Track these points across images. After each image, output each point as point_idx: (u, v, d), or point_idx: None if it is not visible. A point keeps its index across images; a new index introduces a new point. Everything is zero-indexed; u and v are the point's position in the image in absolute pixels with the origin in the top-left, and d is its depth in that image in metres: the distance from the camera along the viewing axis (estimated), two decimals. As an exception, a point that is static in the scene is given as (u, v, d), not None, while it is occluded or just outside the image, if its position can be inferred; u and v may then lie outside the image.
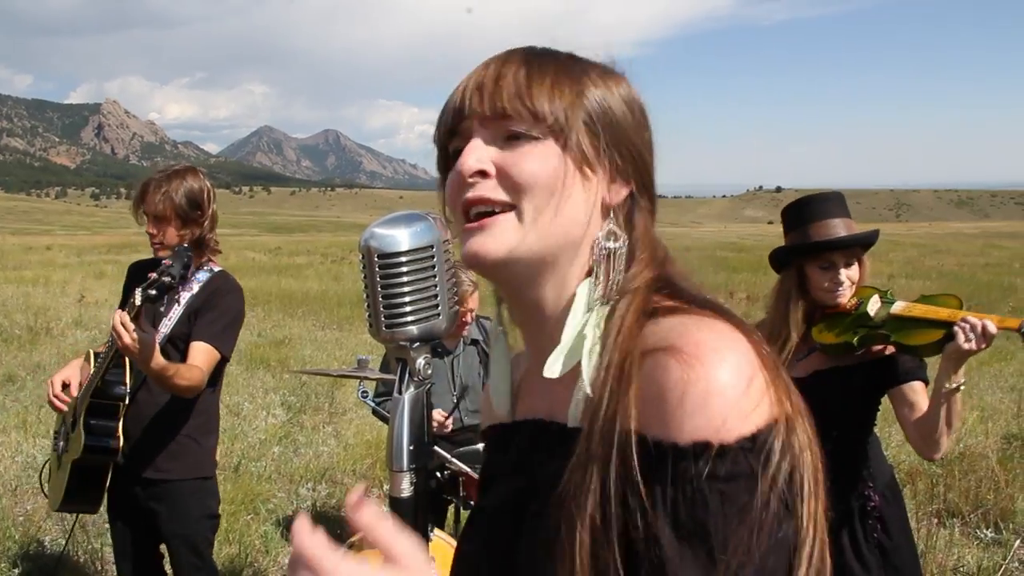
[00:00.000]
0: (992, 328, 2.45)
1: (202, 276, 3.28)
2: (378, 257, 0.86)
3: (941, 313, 2.59)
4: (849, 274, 2.77)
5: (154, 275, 2.80)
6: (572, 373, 0.93)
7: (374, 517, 0.74)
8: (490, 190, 0.92)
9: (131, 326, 2.79)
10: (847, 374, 2.78)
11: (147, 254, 3.48)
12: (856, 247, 2.78)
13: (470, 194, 0.92)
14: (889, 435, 6.99)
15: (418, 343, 0.88)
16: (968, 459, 6.39)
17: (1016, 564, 4.92)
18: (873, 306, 2.73)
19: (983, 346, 2.47)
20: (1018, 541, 5.12)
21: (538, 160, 0.92)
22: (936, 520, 5.39)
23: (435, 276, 0.88)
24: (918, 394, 2.70)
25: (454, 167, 0.95)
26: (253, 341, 12.06)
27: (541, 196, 0.92)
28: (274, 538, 5.20)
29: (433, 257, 0.88)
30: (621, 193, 0.98)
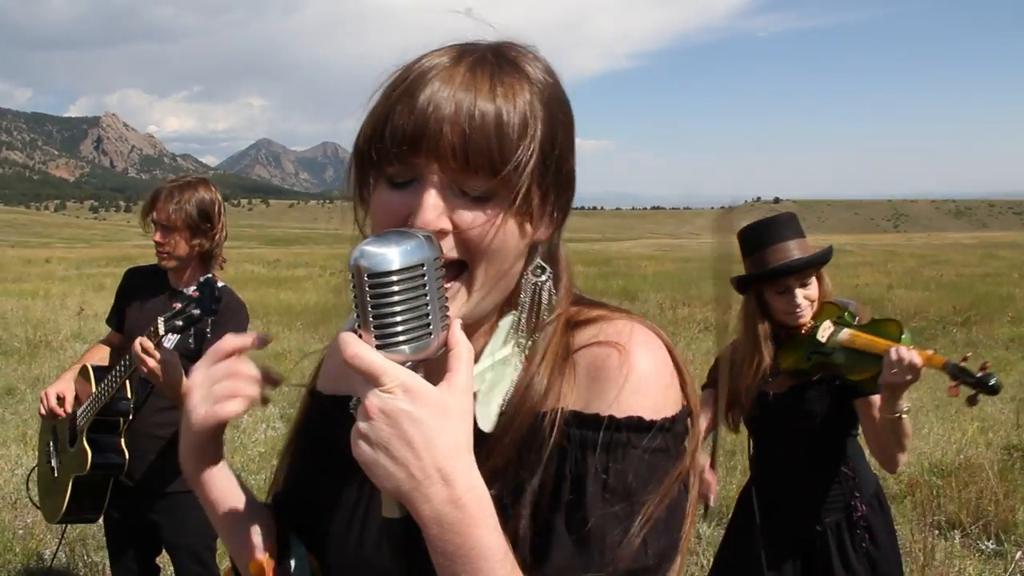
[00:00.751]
0: (917, 360, 2.49)
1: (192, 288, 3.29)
2: (368, 276, 0.84)
3: (879, 345, 2.64)
4: (806, 294, 2.84)
5: (179, 306, 2.84)
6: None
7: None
8: (448, 249, 0.93)
9: (155, 353, 2.82)
10: (819, 387, 2.85)
11: (136, 264, 3.52)
12: (809, 268, 2.82)
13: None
14: (889, 446, 7.01)
15: (409, 364, 0.85)
16: (968, 470, 6.38)
17: None
18: (824, 332, 2.80)
19: (908, 379, 2.51)
20: (1019, 553, 5.12)
21: (494, 226, 0.93)
22: (936, 531, 5.38)
23: (426, 295, 0.86)
24: (876, 408, 2.73)
25: (398, 193, 0.94)
26: (251, 353, 12.02)
27: (493, 260, 0.95)
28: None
29: (424, 276, 0.85)
30: (547, 230, 1.02)
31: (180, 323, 2.84)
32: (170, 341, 3.20)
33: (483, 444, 0.94)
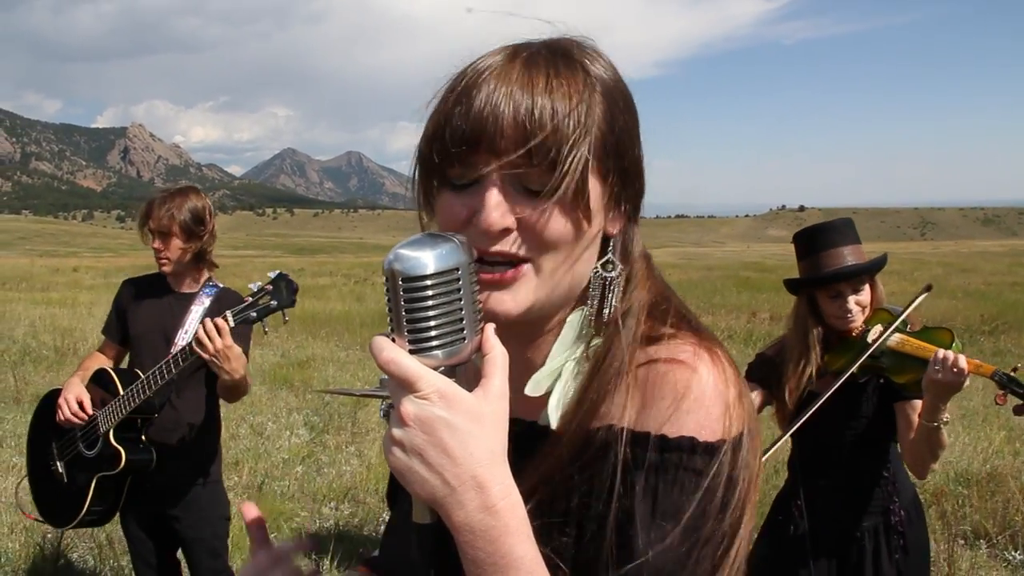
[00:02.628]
0: (962, 364, 2.50)
1: (210, 291, 3.41)
2: (403, 280, 0.83)
3: (928, 351, 2.64)
4: (858, 299, 2.85)
5: (249, 299, 2.97)
6: (531, 369, 1.02)
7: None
8: (513, 246, 0.92)
9: (227, 333, 2.95)
10: (865, 391, 2.84)
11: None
12: (863, 275, 2.83)
13: (493, 248, 0.92)
14: (914, 455, 6.95)
15: (443, 369, 0.84)
16: (995, 480, 6.32)
17: (1045, 586, 4.86)
18: (874, 335, 2.79)
19: (951, 379, 2.51)
20: (1048, 563, 5.06)
21: (559, 219, 0.92)
22: (962, 541, 5.33)
23: (461, 300, 0.84)
24: (917, 412, 2.74)
25: (462, 195, 0.94)
26: (276, 362, 12.13)
27: (560, 253, 0.94)
28: (297, 556, 5.22)
29: (459, 280, 0.84)
30: (618, 223, 1.01)
31: (254, 314, 2.97)
32: (183, 338, 3.33)
33: (538, 448, 0.95)
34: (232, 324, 2.94)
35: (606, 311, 0.99)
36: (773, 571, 3.02)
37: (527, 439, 0.98)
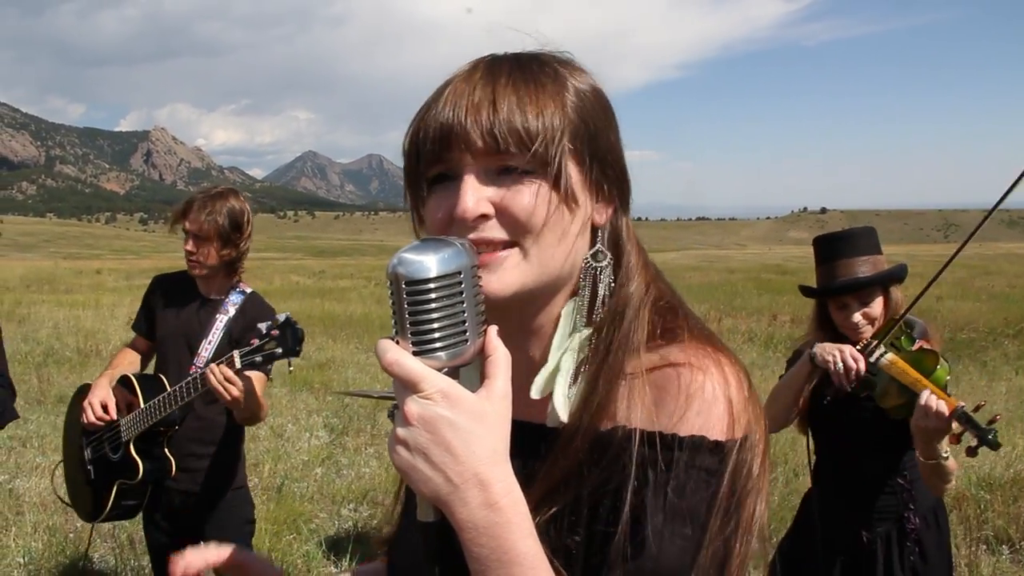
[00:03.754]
0: (944, 411, 2.53)
1: (236, 298, 3.39)
2: (406, 284, 0.84)
3: (909, 376, 2.66)
4: (866, 312, 2.85)
5: (257, 342, 2.96)
6: (532, 369, 1.02)
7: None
8: (493, 230, 0.95)
9: (238, 382, 2.95)
10: (871, 399, 2.84)
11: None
12: (870, 287, 2.82)
13: (473, 236, 0.94)
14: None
15: (446, 370, 0.85)
16: (1018, 484, 6.26)
17: (1067, 592, 4.81)
18: (875, 353, 2.79)
19: (935, 425, 2.54)
20: (1069, 568, 5.01)
21: (535, 197, 0.95)
22: (984, 546, 5.29)
23: (463, 303, 0.86)
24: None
25: (440, 196, 0.98)
26: (296, 363, 12.12)
27: (542, 233, 0.96)
28: (316, 557, 5.25)
29: (461, 283, 0.86)
30: (605, 213, 1.04)
31: (259, 359, 2.96)
32: (207, 350, 3.33)
33: (551, 453, 0.97)
34: (239, 365, 2.94)
35: (599, 301, 1.01)
36: (793, 570, 3.01)
37: (536, 441, 0.99)
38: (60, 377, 10.84)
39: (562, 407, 0.98)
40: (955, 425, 2.60)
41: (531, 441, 1.00)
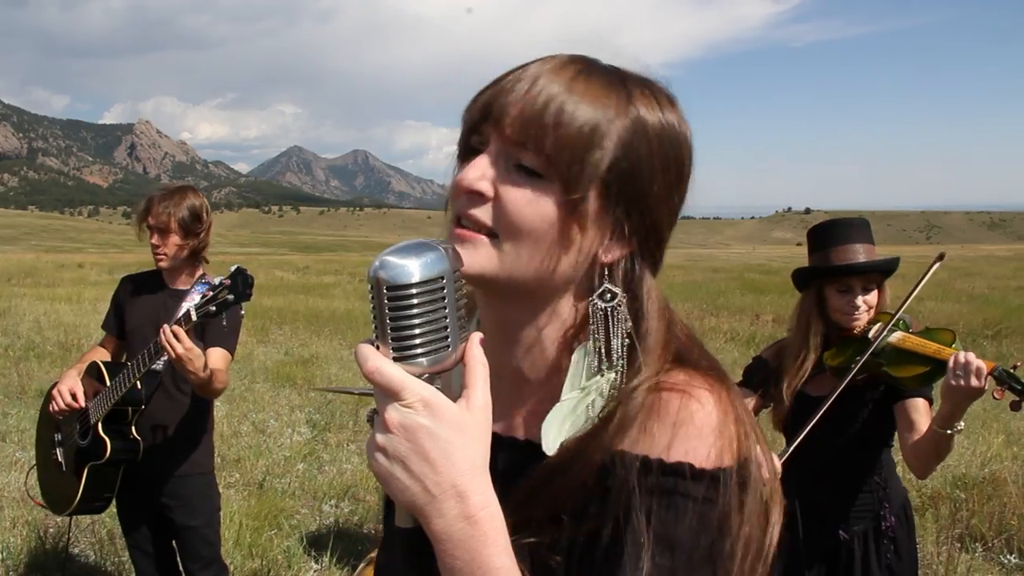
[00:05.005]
0: (983, 365, 2.45)
1: (201, 288, 3.46)
2: (387, 289, 0.83)
3: (929, 348, 2.65)
4: (866, 299, 2.84)
5: (210, 293, 3.03)
6: (523, 390, 1.03)
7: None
8: (481, 212, 0.94)
9: (186, 339, 3.02)
10: (861, 390, 2.84)
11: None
12: (874, 273, 2.84)
13: (461, 209, 0.95)
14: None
15: (426, 376, 0.84)
16: (993, 483, 6.33)
17: (1039, 590, 4.88)
18: (875, 331, 2.79)
19: (972, 384, 2.46)
20: (1041, 566, 5.08)
21: (534, 204, 0.92)
22: (959, 545, 5.35)
23: (445, 308, 0.84)
24: (919, 412, 2.75)
25: (464, 164, 0.97)
26: (280, 359, 12.17)
27: (523, 239, 0.93)
28: (296, 553, 5.26)
29: (444, 289, 0.84)
30: (616, 252, 0.97)
31: (213, 308, 3.02)
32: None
33: (535, 475, 0.95)
34: (195, 319, 3.02)
35: (614, 343, 0.96)
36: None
37: (521, 459, 0.99)
38: (40, 371, 10.78)
39: (553, 441, 0.95)
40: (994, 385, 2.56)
41: (517, 459, 1.00)
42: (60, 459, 3.53)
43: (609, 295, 0.96)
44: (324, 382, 10.57)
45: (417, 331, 0.83)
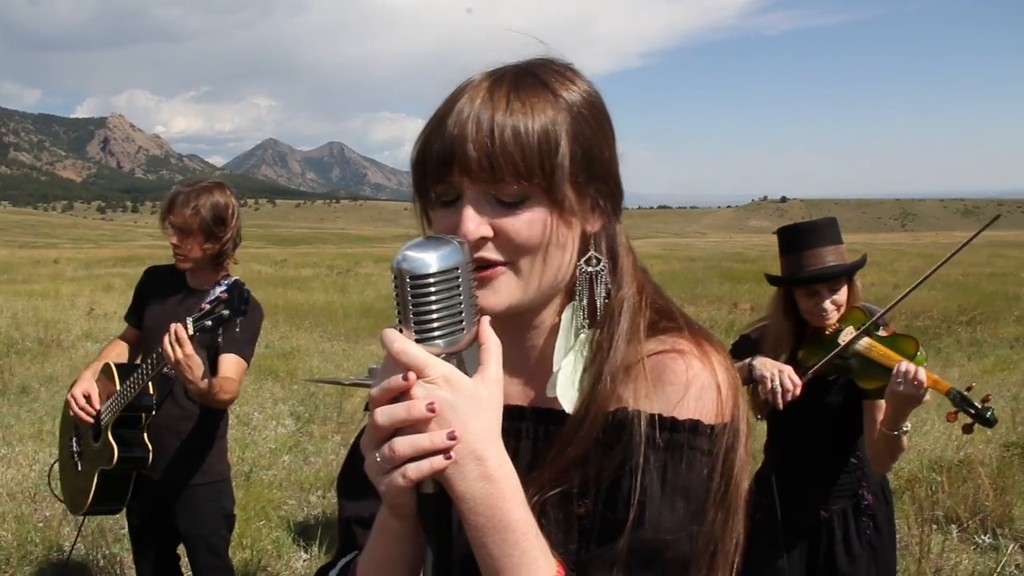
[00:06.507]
0: (922, 377, 2.62)
1: (222, 286, 3.39)
2: (410, 279, 0.93)
3: (892, 359, 2.77)
4: (835, 299, 2.97)
5: (207, 307, 2.97)
6: (541, 365, 1.14)
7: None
8: (490, 251, 1.04)
9: (187, 344, 2.95)
10: (836, 384, 2.99)
11: (153, 263, 3.72)
12: (841, 276, 2.95)
13: (475, 255, 1.02)
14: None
15: (443, 356, 0.94)
16: (967, 466, 6.48)
17: (1012, 568, 5.01)
18: (844, 337, 2.91)
19: (911, 392, 2.63)
20: (1013, 546, 5.22)
21: (531, 224, 1.03)
22: (934, 526, 5.48)
23: (460, 295, 0.95)
24: (881, 411, 2.87)
25: (445, 212, 1.06)
26: (261, 352, 12.15)
27: (537, 255, 1.05)
28: (286, 543, 5.32)
29: (459, 278, 0.95)
30: (598, 222, 1.11)
31: (209, 323, 2.97)
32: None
33: (561, 436, 1.06)
34: (191, 331, 2.96)
35: (597, 302, 1.10)
36: (746, 552, 3.14)
37: (543, 424, 1.11)
38: (21, 368, 10.75)
39: (568, 400, 1.07)
40: (953, 407, 2.74)
41: (538, 424, 1.12)
42: (76, 459, 3.48)
43: (595, 260, 1.11)
44: (306, 374, 10.60)
45: (435, 316, 0.94)
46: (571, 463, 1.04)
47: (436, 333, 0.94)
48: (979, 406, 2.70)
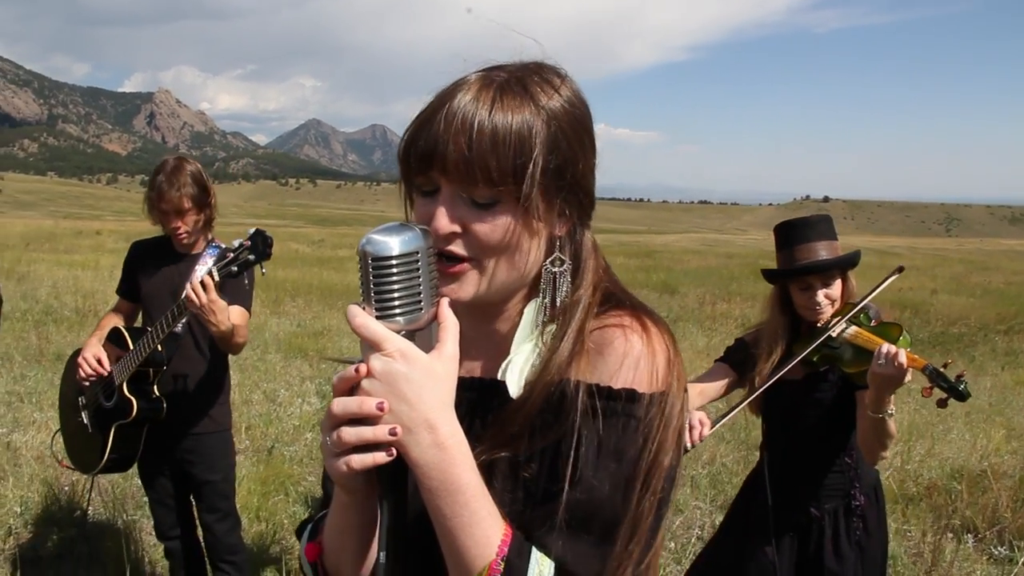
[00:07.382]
0: (902, 358, 2.63)
1: (213, 251, 3.57)
2: (372, 260, 1.00)
3: (875, 344, 2.78)
4: (828, 293, 2.98)
5: (232, 254, 3.13)
6: (501, 347, 1.19)
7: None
8: (459, 247, 1.10)
9: (212, 288, 3.13)
10: (830, 379, 3.03)
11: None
12: (833, 270, 2.96)
13: (443, 247, 1.10)
14: (910, 448, 7.04)
15: (404, 333, 1.01)
16: (989, 477, 6.41)
17: (1028, 580, 4.96)
18: (836, 328, 2.93)
19: (892, 372, 2.64)
20: (1030, 558, 5.16)
21: (499, 226, 1.09)
22: (950, 535, 5.43)
23: (419, 277, 1.02)
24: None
25: (424, 201, 1.12)
26: (292, 331, 12.31)
27: (499, 254, 1.12)
28: (302, 517, 5.40)
29: (418, 262, 1.01)
30: (564, 227, 1.17)
31: (235, 268, 3.14)
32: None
33: (506, 411, 1.13)
34: (217, 279, 3.12)
35: (558, 301, 1.17)
36: (739, 547, 3.17)
37: (492, 396, 1.17)
38: (58, 336, 10.97)
39: (515, 385, 1.14)
40: (928, 383, 2.74)
41: (489, 396, 1.19)
42: (86, 421, 3.63)
43: (559, 261, 1.17)
44: (335, 354, 10.70)
45: (396, 295, 1.01)
46: (517, 433, 1.12)
47: (396, 311, 1.01)
48: (952, 380, 2.72)
